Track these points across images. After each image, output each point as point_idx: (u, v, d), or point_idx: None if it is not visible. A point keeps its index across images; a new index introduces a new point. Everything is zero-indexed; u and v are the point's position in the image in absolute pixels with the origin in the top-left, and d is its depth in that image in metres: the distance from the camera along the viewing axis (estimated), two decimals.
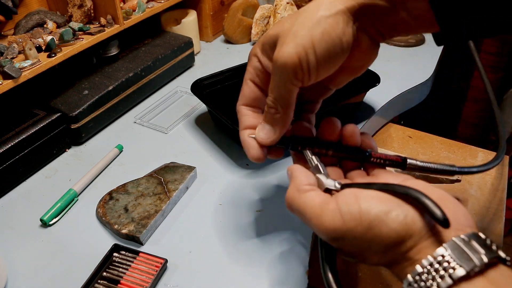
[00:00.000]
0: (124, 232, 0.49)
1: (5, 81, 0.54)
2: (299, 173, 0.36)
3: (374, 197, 0.31)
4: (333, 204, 0.32)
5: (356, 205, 0.31)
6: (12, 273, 0.46)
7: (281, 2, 0.92)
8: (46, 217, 0.52)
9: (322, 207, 0.32)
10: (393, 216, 0.30)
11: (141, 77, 0.73)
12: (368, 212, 0.30)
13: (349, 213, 0.31)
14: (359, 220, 0.30)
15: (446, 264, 0.27)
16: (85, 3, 0.67)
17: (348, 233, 0.31)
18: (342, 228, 0.31)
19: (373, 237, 0.30)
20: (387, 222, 0.30)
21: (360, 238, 0.30)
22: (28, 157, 0.58)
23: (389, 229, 0.29)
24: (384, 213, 0.30)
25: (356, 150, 0.39)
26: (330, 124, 0.39)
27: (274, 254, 0.47)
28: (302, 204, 0.33)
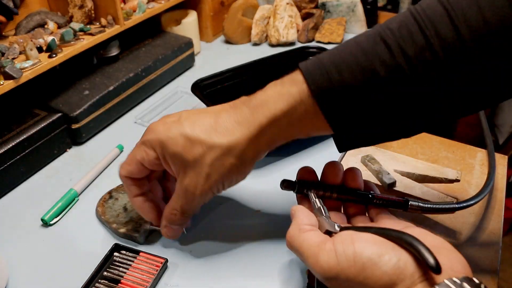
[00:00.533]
0: (122, 231, 0.49)
1: (6, 82, 0.54)
2: (301, 213, 0.38)
3: (369, 240, 0.32)
4: (330, 244, 0.33)
5: (351, 246, 0.32)
6: (13, 272, 0.47)
7: (281, 2, 0.92)
8: (47, 216, 0.52)
9: (319, 246, 0.34)
10: (385, 259, 0.31)
11: (141, 77, 0.74)
12: (361, 254, 0.31)
13: (344, 254, 0.32)
14: (352, 261, 0.31)
15: None
16: (86, 4, 0.67)
17: (342, 274, 0.32)
18: (336, 268, 0.32)
19: (366, 279, 0.31)
20: (379, 264, 0.30)
21: (353, 279, 0.31)
22: (29, 157, 0.58)
23: (381, 272, 0.30)
24: (377, 255, 0.31)
25: (359, 192, 0.41)
26: (333, 168, 0.41)
27: (274, 254, 0.47)
28: (301, 243, 0.35)
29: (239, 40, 0.95)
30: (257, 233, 0.50)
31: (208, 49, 0.94)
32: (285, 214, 0.52)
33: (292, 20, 0.92)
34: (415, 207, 0.42)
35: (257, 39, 0.94)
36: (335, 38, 0.93)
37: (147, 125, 0.70)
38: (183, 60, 0.82)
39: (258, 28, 0.93)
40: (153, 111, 0.73)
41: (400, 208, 0.42)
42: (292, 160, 0.60)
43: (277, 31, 0.91)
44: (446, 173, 0.54)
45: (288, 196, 0.54)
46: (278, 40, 0.92)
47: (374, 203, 0.41)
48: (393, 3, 1.03)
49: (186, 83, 0.79)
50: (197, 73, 0.83)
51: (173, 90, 0.79)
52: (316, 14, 0.95)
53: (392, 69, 0.34)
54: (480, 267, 0.46)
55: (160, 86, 0.79)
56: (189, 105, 0.74)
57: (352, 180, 0.41)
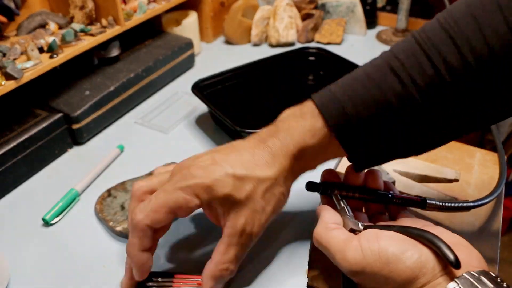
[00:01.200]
0: (118, 229, 0.49)
1: (8, 82, 0.54)
2: (327, 213, 0.40)
3: (393, 237, 0.34)
4: (356, 241, 0.35)
5: (376, 243, 0.34)
6: (15, 272, 0.47)
7: (281, 3, 0.92)
8: (48, 216, 0.52)
9: (345, 243, 0.36)
10: (408, 255, 0.33)
11: (142, 77, 0.74)
12: (386, 250, 0.33)
13: (369, 249, 0.34)
14: (377, 256, 0.33)
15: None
16: (87, 5, 0.67)
17: (368, 268, 0.34)
18: (362, 263, 0.34)
19: (390, 272, 0.33)
20: (403, 259, 0.33)
21: (378, 273, 0.33)
22: (30, 157, 0.59)
23: (405, 266, 0.32)
24: (401, 251, 0.33)
25: (379, 193, 0.43)
26: (355, 173, 0.44)
27: (274, 254, 0.48)
28: (328, 240, 0.37)
29: (239, 40, 0.95)
30: None
31: (208, 49, 0.94)
32: (285, 214, 0.52)
33: (292, 21, 0.92)
34: (433, 206, 0.44)
35: (257, 39, 0.94)
36: (335, 38, 0.94)
37: (148, 125, 0.70)
38: (183, 61, 0.83)
39: (258, 28, 0.93)
40: (154, 112, 0.73)
41: (418, 206, 0.44)
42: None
43: (277, 32, 0.92)
44: (445, 173, 0.55)
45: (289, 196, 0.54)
46: (278, 40, 0.92)
47: (394, 202, 0.43)
48: (393, 4, 1.04)
49: (187, 84, 0.79)
50: (197, 74, 0.83)
51: (174, 90, 0.79)
52: (316, 14, 0.95)
53: (404, 98, 0.37)
54: None
55: (160, 87, 0.80)
56: (189, 105, 0.74)
57: (373, 181, 0.43)
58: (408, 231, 0.35)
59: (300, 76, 0.78)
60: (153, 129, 0.69)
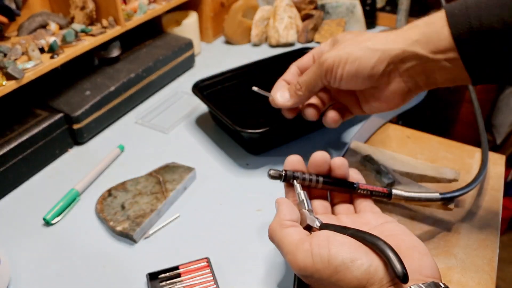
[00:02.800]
0: (119, 229, 0.50)
1: (8, 82, 0.55)
2: (285, 207, 0.40)
3: (345, 243, 0.34)
4: (307, 244, 0.35)
5: (327, 249, 0.34)
6: (15, 272, 0.47)
7: (281, 3, 0.92)
8: (49, 216, 0.52)
9: (297, 245, 0.36)
10: (357, 264, 0.32)
11: (142, 78, 0.74)
12: (335, 258, 0.33)
13: (319, 256, 0.34)
14: (327, 263, 0.33)
15: None
16: (87, 5, 0.67)
17: (316, 274, 0.34)
18: (311, 268, 0.34)
19: (338, 281, 0.33)
20: (351, 269, 0.32)
21: (326, 279, 0.33)
22: (30, 157, 0.59)
23: (352, 276, 0.32)
24: (350, 260, 0.33)
25: (344, 182, 0.43)
26: (320, 157, 0.43)
27: (274, 254, 0.48)
28: (281, 238, 0.37)
29: (239, 41, 0.95)
30: (257, 233, 0.51)
31: (208, 50, 0.95)
32: None
33: (292, 21, 0.93)
34: (399, 196, 0.44)
35: (257, 40, 0.94)
36: None
37: (148, 125, 0.70)
38: (183, 61, 0.83)
39: (258, 29, 0.94)
40: (154, 112, 0.74)
41: (384, 197, 0.44)
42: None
43: (277, 32, 0.92)
44: (444, 173, 0.55)
45: None
46: (278, 41, 0.93)
47: (359, 193, 0.43)
48: (392, 4, 1.04)
49: (187, 84, 0.79)
50: (198, 74, 0.83)
51: (174, 90, 0.79)
52: (316, 15, 0.95)
53: None
54: (478, 266, 0.46)
55: (160, 87, 0.80)
56: (189, 105, 0.74)
57: (338, 169, 0.43)
58: (362, 237, 0.34)
59: None
60: (153, 129, 0.70)
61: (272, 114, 0.63)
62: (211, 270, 0.45)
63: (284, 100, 0.52)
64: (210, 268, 0.45)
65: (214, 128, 0.69)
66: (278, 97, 0.53)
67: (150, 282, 0.45)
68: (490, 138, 1.28)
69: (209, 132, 0.68)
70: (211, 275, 0.45)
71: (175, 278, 0.45)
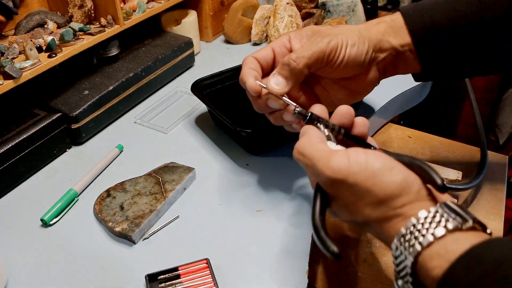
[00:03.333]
0: (118, 230, 0.49)
1: (6, 81, 0.54)
2: (313, 131, 0.39)
3: (381, 155, 0.34)
4: (343, 151, 0.34)
5: (365, 155, 0.33)
6: (13, 273, 0.47)
7: (281, 2, 0.92)
8: (47, 217, 0.52)
9: (331, 152, 0.35)
10: (396, 171, 0.32)
11: (141, 77, 0.73)
12: (373, 163, 0.33)
13: (356, 160, 0.33)
14: (364, 167, 0.33)
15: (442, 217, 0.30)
16: (86, 4, 0.67)
17: (351, 177, 0.33)
18: (346, 171, 0.33)
19: (373, 185, 0.32)
20: (390, 174, 0.32)
21: (360, 183, 0.33)
22: (28, 157, 0.58)
23: (391, 180, 0.32)
24: (389, 167, 0.33)
25: (363, 141, 0.41)
26: (346, 109, 0.41)
27: (274, 254, 0.47)
28: (313, 150, 0.36)
29: (239, 40, 0.95)
30: (257, 233, 0.50)
31: (208, 49, 0.94)
32: (285, 213, 0.52)
33: (292, 20, 0.92)
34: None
35: (257, 38, 0.94)
36: None
37: (147, 125, 0.70)
38: (183, 60, 0.82)
39: (258, 27, 0.93)
40: (153, 111, 0.73)
41: None
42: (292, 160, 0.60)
43: (277, 31, 0.91)
44: (446, 173, 0.54)
45: (288, 195, 0.54)
46: None
47: None
48: (393, 3, 1.03)
49: (186, 83, 0.78)
50: (197, 73, 0.83)
51: (173, 90, 0.79)
52: (316, 13, 0.95)
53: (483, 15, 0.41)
54: None
55: (160, 86, 0.79)
56: (189, 105, 0.74)
57: (360, 127, 0.41)
58: (397, 157, 0.34)
59: None
60: (153, 128, 0.69)
61: None
62: (211, 271, 0.45)
63: (282, 86, 0.43)
64: (210, 269, 0.45)
65: (214, 128, 0.68)
66: (275, 85, 0.43)
67: (149, 283, 0.44)
68: (493, 138, 1.28)
69: (208, 132, 0.68)
70: (210, 276, 0.44)
71: (174, 279, 0.45)
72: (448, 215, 0.30)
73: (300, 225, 0.51)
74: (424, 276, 0.30)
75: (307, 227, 0.50)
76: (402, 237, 0.31)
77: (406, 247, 0.30)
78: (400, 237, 0.31)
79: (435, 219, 0.30)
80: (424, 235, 0.30)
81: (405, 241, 0.31)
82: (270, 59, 0.46)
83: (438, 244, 0.29)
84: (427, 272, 0.29)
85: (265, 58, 0.46)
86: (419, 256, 0.30)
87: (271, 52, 0.46)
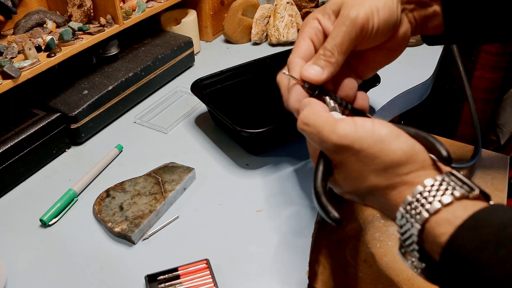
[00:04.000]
0: (117, 230, 0.49)
1: (5, 81, 0.54)
2: (315, 102, 0.38)
3: (388, 124, 0.34)
4: (349, 118, 0.34)
5: (371, 122, 0.33)
6: (12, 273, 0.46)
7: (281, 1, 0.91)
8: (46, 217, 0.52)
9: (337, 120, 0.34)
10: (402, 139, 0.32)
11: (141, 77, 0.73)
12: (380, 130, 0.32)
13: (363, 126, 0.33)
14: (370, 133, 0.32)
15: (448, 185, 0.30)
16: (85, 3, 0.67)
17: (357, 143, 0.32)
18: (352, 136, 0.33)
19: (379, 151, 0.32)
20: (397, 141, 0.32)
21: (366, 149, 0.32)
22: (27, 157, 0.58)
23: (397, 147, 0.32)
24: (396, 134, 0.32)
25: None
26: (351, 82, 0.42)
27: (274, 254, 0.47)
28: (317, 118, 0.35)
29: (239, 39, 0.95)
30: (257, 233, 0.50)
31: (208, 48, 0.94)
32: (285, 213, 0.52)
33: (292, 20, 0.92)
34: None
35: (257, 38, 0.93)
36: None
37: (147, 125, 0.70)
38: (182, 60, 0.82)
39: (258, 27, 0.93)
40: (153, 111, 0.73)
41: None
42: (292, 160, 0.60)
43: (277, 31, 0.91)
44: None
45: (288, 195, 0.54)
46: (278, 39, 0.92)
47: None
48: None
49: (186, 83, 0.78)
50: (197, 73, 0.83)
51: (173, 89, 0.78)
52: None
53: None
54: None
55: (159, 86, 0.79)
56: (189, 105, 0.73)
57: (362, 99, 0.42)
58: (402, 127, 0.34)
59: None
60: (152, 128, 0.69)
61: (272, 113, 0.63)
62: (211, 272, 0.44)
63: (318, 75, 0.40)
64: (210, 269, 0.45)
65: (213, 128, 0.68)
66: (311, 71, 0.40)
67: (148, 284, 0.44)
68: (494, 138, 1.28)
69: (208, 132, 0.67)
70: (210, 277, 0.44)
71: (174, 280, 0.45)
72: (455, 183, 0.30)
73: (300, 225, 0.50)
74: (430, 243, 0.30)
75: (307, 227, 0.50)
76: (408, 205, 0.31)
77: (413, 214, 0.30)
78: (406, 204, 0.31)
79: (442, 187, 0.30)
80: (431, 202, 0.29)
81: (411, 208, 0.30)
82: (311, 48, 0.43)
83: (445, 211, 0.29)
84: (434, 239, 0.29)
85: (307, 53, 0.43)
86: (426, 223, 0.29)
87: (311, 44, 0.43)
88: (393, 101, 0.72)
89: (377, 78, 0.66)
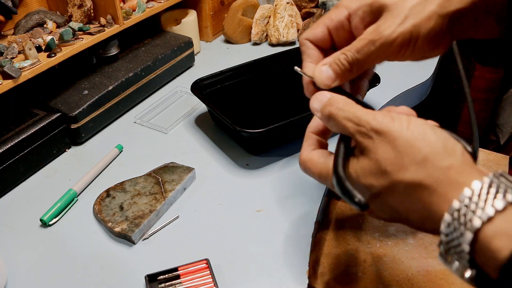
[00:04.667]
0: (117, 230, 0.49)
1: (5, 81, 0.54)
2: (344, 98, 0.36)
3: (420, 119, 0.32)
4: (383, 110, 0.33)
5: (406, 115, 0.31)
6: (12, 273, 0.46)
7: (281, 2, 0.92)
8: (46, 217, 0.52)
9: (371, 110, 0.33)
10: (439, 130, 0.30)
11: (141, 77, 0.73)
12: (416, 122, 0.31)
13: (399, 118, 0.31)
14: (406, 125, 0.30)
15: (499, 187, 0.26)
16: (85, 3, 0.67)
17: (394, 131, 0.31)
18: (389, 124, 0.31)
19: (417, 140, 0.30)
20: (433, 132, 0.30)
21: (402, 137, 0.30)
22: (28, 157, 0.58)
23: (435, 137, 0.30)
24: (431, 126, 0.31)
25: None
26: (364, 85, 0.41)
27: (274, 254, 0.47)
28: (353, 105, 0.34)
29: (239, 39, 0.95)
30: (257, 233, 0.50)
31: (208, 48, 0.94)
32: (285, 213, 0.52)
33: (292, 20, 0.92)
34: None
35: (257, 38, 0.94)
36: None
37: (147, 125, 0.70)
38: (182, 60, 0.82)
39: (258, 27, 0.93)
40: (153, 111, 0.73)
41: None
42: (292, 160, 0.60)
43: (277, 31, 0.91)
44: None
45: (288, 195, 0.54)
46: (278, 39, 0.92)
47: None
48: None
49: (186, 83, 0.78)
50: (197, 73, 0.83)
51: (173, 89, 0.78)
52: (317, 13, 0.95)
53: None
54: None
55: (159, 86, 0.79)
56: (189, 105, 0.73)
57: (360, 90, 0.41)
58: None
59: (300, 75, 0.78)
60: (152, 128, 0.69)
61: (272, 113, 0.63)
62: (211, 272, 0.45)
63: (329, 82, 0.38)
64: (210, 269, 0.45)
65: (213, 128, 0.68)
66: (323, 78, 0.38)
67: (149, 284, 0.44)
68: (494, 138, 1.28)
69: (208, 132, 0.67)
70: (210, 276, 0.44)
71: (174, 279, 0.45)
72: (506, 186, 0.26)
73: (300, 225, 0.50)
74: (485, 257, 0.26)
75: (307, 227, 0.50)
76: (456, 212, 0.27)
77: (462, 222, 0.27)
78: (453, 211, 0.27)
79: (492, 190, 0.26)
80: (483, 208, 0.26)
81: (459, 215, 0.27)
82: (325, 38, 0.40)
83: (500, 219, 0.25)
84: (490, 253, 0.25)
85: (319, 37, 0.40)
86: (480, 234, 0.26)
87: (327, 33, 0.40)
88: (393, 101, 0.72)
89: (377, 78, 0.66)
